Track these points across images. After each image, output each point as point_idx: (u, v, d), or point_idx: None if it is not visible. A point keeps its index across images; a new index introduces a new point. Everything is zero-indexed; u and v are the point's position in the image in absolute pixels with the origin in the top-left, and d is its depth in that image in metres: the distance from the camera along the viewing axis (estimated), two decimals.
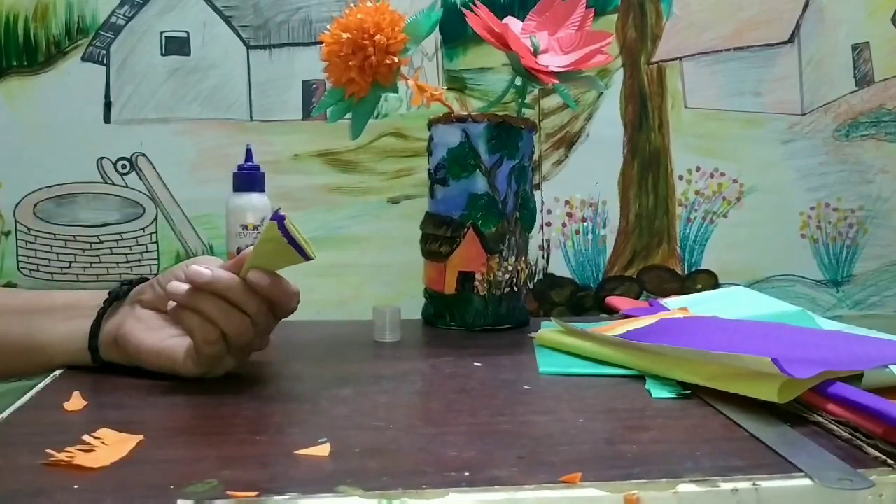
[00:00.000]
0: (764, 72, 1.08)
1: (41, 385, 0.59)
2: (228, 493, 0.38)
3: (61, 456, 0.42)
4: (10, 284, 0.95)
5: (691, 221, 1.08)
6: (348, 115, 0.84)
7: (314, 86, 1.02)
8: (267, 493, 0.38)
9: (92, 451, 0.43)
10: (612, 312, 0.96)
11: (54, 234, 0.97)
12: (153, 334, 0.61)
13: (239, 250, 0.81)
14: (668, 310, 0.85)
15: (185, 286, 0.57)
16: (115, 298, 0.65)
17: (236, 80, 1.01)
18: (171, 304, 0.58)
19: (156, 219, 0.98)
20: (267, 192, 0.86)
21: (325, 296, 1.01)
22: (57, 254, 0.97)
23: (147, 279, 0.67)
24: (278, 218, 0.54)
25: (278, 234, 0.54)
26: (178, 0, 0.99)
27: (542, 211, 1.05)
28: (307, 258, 0.56)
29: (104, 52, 0.99)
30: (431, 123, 0.87)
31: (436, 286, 0.86)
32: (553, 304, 1.07)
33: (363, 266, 1.03)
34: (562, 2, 0.84)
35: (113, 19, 0.99)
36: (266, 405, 0.55)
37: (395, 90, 0.82)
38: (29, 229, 0.96)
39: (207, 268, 0.57)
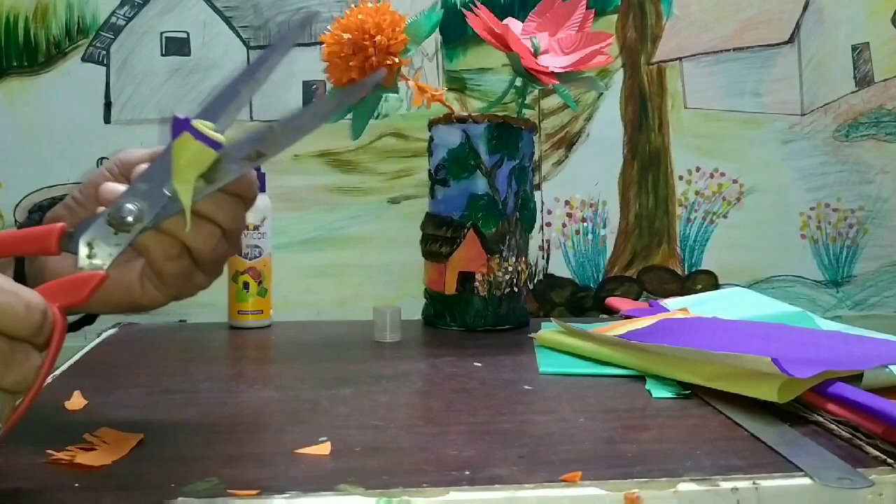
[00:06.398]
0: (764, 72, 1.09)
1: None
2: (229, 491, 0.38)
3: (62, 455, 0.42)
4: None
5: (691, 222, 1.08)
6: (349, 116, 0.84)
7: (314, 86, 1.02)
8: (268, 492, 0.38)
9: (93, 449, 0.43)
10: (612, 313, 0.96)
11: None
12: None
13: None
14: (668, 311, 0.85)
15: (123, 187, 0.44)
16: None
17: None
18: None
19: None
20: (267, 192, 0.86)
21: (325, 296, 1.02)
22: None
23: (57, 200, 0.53)
24: (185, 125, 0.43)
25: (197, 143, 0.43)
26: (178, 0, 1.00)
27: (542, 211, 1.05)
28: (218, 147, 0.44)
29: (104, 52, 0.99)
30: (432, 124, 0.87)
31: (436, 286, 0.86)
32: (553, 305, 1.07)
33: (363, 266, 1.03)
34: (562, 3, 0.84)
35: (113, 20, 0.99)
36: (266, 405, 0.55)
37: (396, 91, 0.82)
38: None
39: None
